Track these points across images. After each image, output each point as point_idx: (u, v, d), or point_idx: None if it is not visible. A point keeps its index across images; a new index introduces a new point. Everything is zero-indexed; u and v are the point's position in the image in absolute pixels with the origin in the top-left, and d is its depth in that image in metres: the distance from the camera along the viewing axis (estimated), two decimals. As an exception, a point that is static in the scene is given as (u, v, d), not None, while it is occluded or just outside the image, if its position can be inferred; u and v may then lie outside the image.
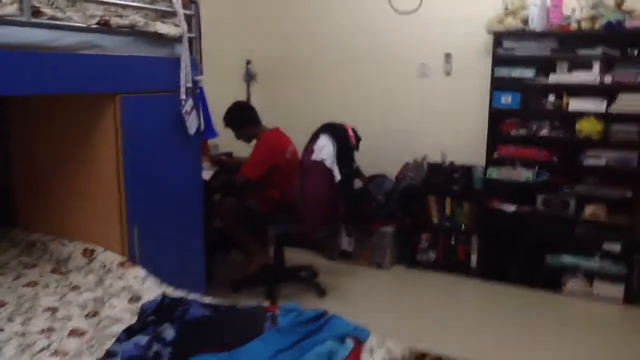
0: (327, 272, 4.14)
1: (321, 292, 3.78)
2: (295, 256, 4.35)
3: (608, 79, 3.61)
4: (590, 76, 3.65)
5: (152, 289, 2.28)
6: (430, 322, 3.43)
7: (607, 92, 3.63)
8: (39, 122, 2.69)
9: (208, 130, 3.09)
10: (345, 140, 3.56)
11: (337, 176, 3.49)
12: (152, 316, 1.95)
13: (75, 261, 2.44)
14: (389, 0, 4.39)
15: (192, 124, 2.83)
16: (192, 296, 2.21)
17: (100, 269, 2.39)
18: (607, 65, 3.66)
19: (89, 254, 2.45)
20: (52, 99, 2.54)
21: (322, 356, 1.65)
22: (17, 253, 2.58)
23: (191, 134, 2.83)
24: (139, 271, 2.40)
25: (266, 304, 2.08)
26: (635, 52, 3.54)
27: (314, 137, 3.53)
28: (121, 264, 2.40)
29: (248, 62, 4.94)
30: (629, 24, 3.50)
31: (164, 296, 2.09)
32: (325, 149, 3.48)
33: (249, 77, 4.97)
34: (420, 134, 4.40)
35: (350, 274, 4.18)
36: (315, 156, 3.46)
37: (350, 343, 1.75)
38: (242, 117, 3.83)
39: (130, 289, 2.27)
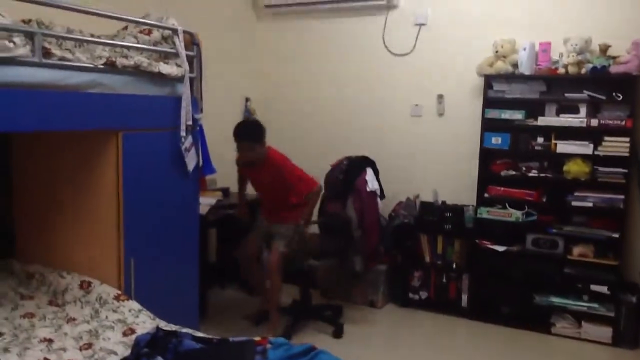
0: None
1: (338, 332, 3.80)
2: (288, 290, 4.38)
3: (594, 122, 3.73)
4: (578, 119, 3.77)
5: (146, 322, 2.32)
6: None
7: (594, 135, 3.75)
8: (41, 156, 2.76)
9: (207, 167, 3.17)
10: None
11: (380, 205, 4.18)
12: (146, 348, 1.99)
13: (72, 293, 2.48)
14: (385, 43, 4.55)
15: (191, 160, 2.91)
16: (185, 330, 2.26)
17: (96, 301, 2.43)
18: (594, 109, 3.79)
19: (86, 286, 2.50)
20: (55, 134, 2.62)
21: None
22: (16, 284, 2.62)
23: (190, 170, 2.91)
24: (134, 304, 2.44)
25: (257, 338, 2.12)
26: (620, 96, 3.67)
27: (360, 170, 4.10)
28: (116, 297, 2.44)
29: (247, 100, 5.07)
30: (614, 69, 3.64)
31: (158, 329, 2.13)
32: (374, 181, 4.12)
33: (248, 114, 5.08)
34: (414, 173, 4.50)
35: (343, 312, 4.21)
36: (370, 187, 4.05)
37: (337, 377, 1.81)
38: (263, 133, 3.72)
39: (125, 321, 2.32)
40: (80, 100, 2.29)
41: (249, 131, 3.67)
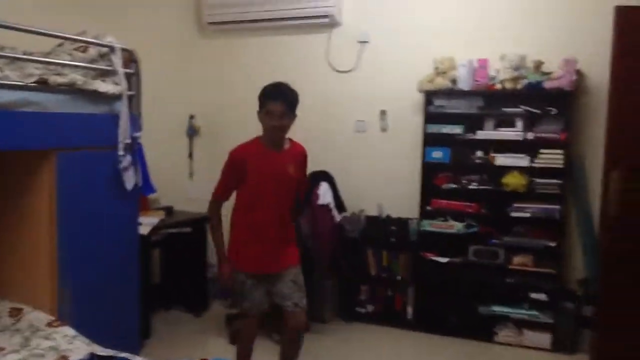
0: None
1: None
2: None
3: (531, 136, 3.86)
4: (514, 133, 3.90)
5: (80, 349, 2.24)
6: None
7: (530, 148, 3.88)
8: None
9: (146, 186, 3.12)
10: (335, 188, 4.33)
11: (337, 218, 4.21)
12: (81, 377, 1.92)
13: (1, 321, 2.37)
14: (328, 60, 4.59)
15: (130, 179, 2.85)
16: (123, 354, 2.19)
17: (27, 329, 2.33)
18: (530, 123, 3.92)
19: (16, 313, 2.40)
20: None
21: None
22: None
23: (128, 189, 2.85)
24: (69, 330, 2.35)
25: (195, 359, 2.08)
26: (554, 111, 3.83)
27: (313, 184, 4.11)
28: (49, 324, 2.36)
29: (191, 117, 5.01)
30: (548, 84, 3.79)
31: (92, 355, 2.06)
32: (327, 194, 4.18)
33: (192, 132, 5.02)
34: (359, 188, 4.53)
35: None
36: (321, 200, 4.12)
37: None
38: (297, 104, 2.85)
39: (58, 349, 2.22)
40: (10, 119, 2.21)
41: (291, 94, 2.79)
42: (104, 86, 2.62)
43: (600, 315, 3.59)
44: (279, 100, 2.70)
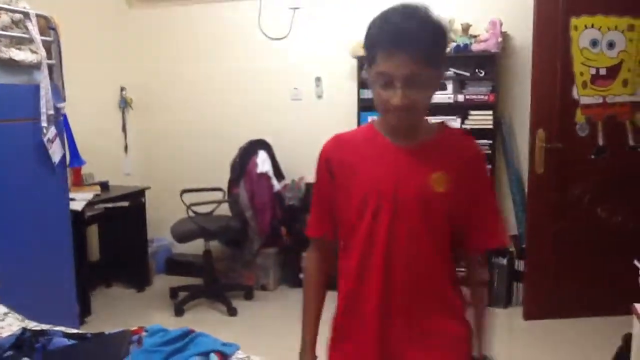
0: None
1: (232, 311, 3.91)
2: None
3: (461, 98, 3.97)
4: (446, 95, 3.99)
5: (13, 325, 2.17)
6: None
7: (461, 110, 3.99)
8: None
9: (74, 158, 3.02)
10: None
11: (277, 187, 4.16)
12: (10, 351, 1.87)
13: None
14: (260, 28, 4.54)
15: (56, 152, 2.77)
16: (57, 328, 2.14)
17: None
18: (460, 85, 4.02)
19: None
20: None
21: (188, 372, 1.65)
22: None
23: (55, 162, 2.76)
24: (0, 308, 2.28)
25: (133, 328, 2.06)
26: (482, 73, 3.93)
27: (251, 152, 4.11)
28: (-21, 301, 2.27)
29: (122, 89, 4.87)
30: (475, 47, 3.88)
31: (24, 330, 2.01)
32: (265, 163, 4.16)
33: (124, 104, 4.89)
34: (296, 155, 4.54)
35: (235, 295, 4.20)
36: (260, 169, 4.06)
37: (214, 358, 1.79)
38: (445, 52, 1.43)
39: (-12, 325, 2.16)
40: None
41: (432, 32, 1.29)
42: (21, 54, 2.51)
43: (529, 268, 3.78)
44: (402, 49, 1.22)
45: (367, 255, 1.36)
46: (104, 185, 4.26)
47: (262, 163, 4.18)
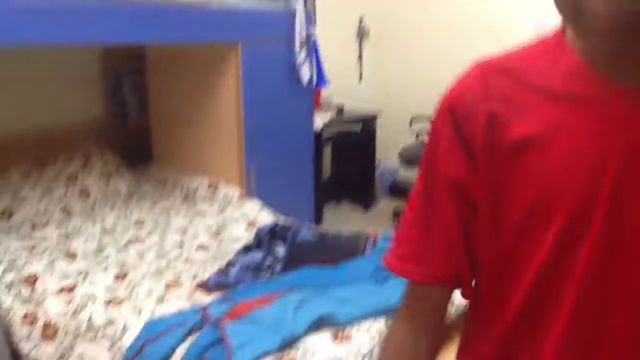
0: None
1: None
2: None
3: None
4: None
5: (266, 218, 2.55)
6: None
7: None
8: (171, 71, 3.01)
9: (320, 78, 3.27)
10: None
11: None
12: (267, 236, 2.21)
13: (201, 193, 2.77)
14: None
15: (305, 74, 3.03)
16: (302, 224, 2.45)
17: (222, 200, 2.69)
18: None
19: (213, 187, 2.76)
20: (181, 49, 2.84)
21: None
22: (154, 185, 2.96)
23: (304, 83, 3.04)
24: (255, 204, 2.67)
25: (369, 232, 2.26)
26: None
27: None
28: (240, 197, 2.69)
29: (361, 19, 5.04)
30: None
31: (277, 223, 2.34)
32: None
33: (362, 35, 5.07)
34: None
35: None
36: None
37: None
38: None
39: (248, 216, 2.55)
40: (201, 12, 2.46)
41: None
42: (281, -18, 2.77)
43: None
44: None
45: (537, 331, 0.67)
46: (339, 109, 4.54)
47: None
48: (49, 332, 1.82)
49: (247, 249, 2.15)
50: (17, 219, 2.35)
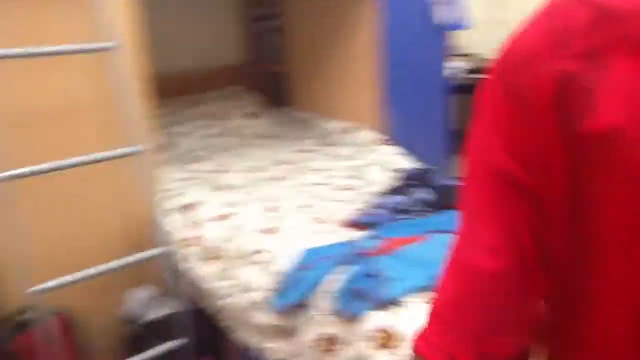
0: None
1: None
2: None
3: None
4: None
5: (405, 163, 2.54)
6: None
7: None
8: (307, 16, 3.04)
9: (459, 22, 3.14)
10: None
11: None
12: (410, 180, 2.21)
13: (339, 136, 2.81)
14: None
15: (442, 17, 2.93)
16: (440, 171, 2.42)
17: (360, 144, 2.72)
18: None
19: (351, 130, 2.80)
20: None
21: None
22: (294, 127, 3.05)
23: (440, 26, 2.94)
24: (394, 149, 2.67)
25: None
26: None
27: None
28: (378, 141, 2.70)
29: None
30: None
31: (413, 169, 2.33)
32: None
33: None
34: None
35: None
36: None
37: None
38: None
39: (386, 160, 2.56)
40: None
41: None
42: None
43: None
44: None
45: None
46: (468, 57, 4.37)
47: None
48: (207, 255, 1.97)
49: (391, 191, 2.17)
50: (176, 152, 2.56)
